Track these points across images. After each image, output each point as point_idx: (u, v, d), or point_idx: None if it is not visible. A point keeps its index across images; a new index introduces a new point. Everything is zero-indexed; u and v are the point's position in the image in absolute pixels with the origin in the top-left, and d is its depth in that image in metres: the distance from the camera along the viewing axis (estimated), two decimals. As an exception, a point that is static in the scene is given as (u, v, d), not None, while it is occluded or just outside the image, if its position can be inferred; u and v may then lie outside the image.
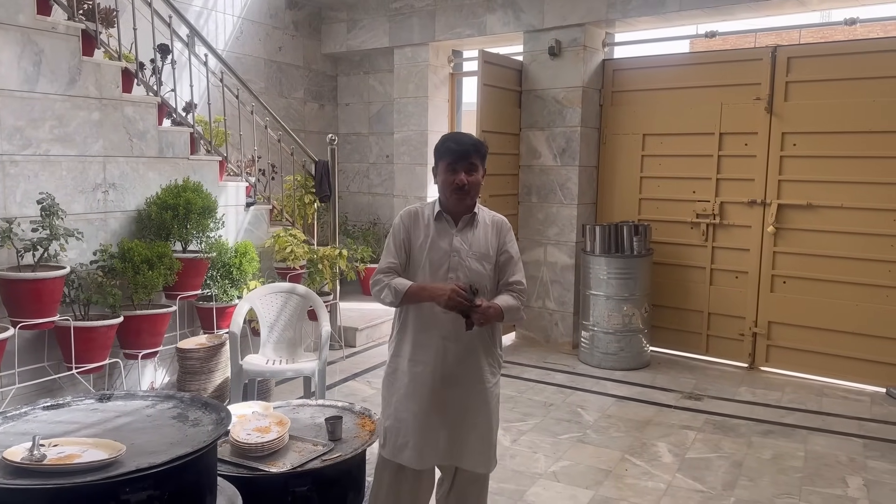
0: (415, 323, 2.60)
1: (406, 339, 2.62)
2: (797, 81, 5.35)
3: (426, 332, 2.57)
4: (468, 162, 2.52)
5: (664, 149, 5.98)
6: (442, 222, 2.60)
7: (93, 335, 3.96)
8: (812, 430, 4.40)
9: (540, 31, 6.15)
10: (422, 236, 2.60)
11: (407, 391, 2.60)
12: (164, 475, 2.09)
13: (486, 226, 2.63)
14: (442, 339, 2.55)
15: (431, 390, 2.56)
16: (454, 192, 2.53)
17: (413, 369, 2.59)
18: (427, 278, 2.55)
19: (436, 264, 2.56)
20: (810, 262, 5.37)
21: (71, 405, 2.64)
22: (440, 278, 2.53)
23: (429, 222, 2.61)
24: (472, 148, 2.53)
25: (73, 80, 4.14)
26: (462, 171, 2.51)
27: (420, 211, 2.65)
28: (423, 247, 2.58)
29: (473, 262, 2.56)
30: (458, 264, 2.55)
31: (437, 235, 2.58)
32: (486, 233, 2.61)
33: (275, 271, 5.49)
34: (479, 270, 2.57)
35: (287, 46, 7.22)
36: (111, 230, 4.39)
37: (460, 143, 2.54)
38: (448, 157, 2.53)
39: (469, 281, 2.50)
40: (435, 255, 2.56)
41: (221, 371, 4.46)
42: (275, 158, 6.00)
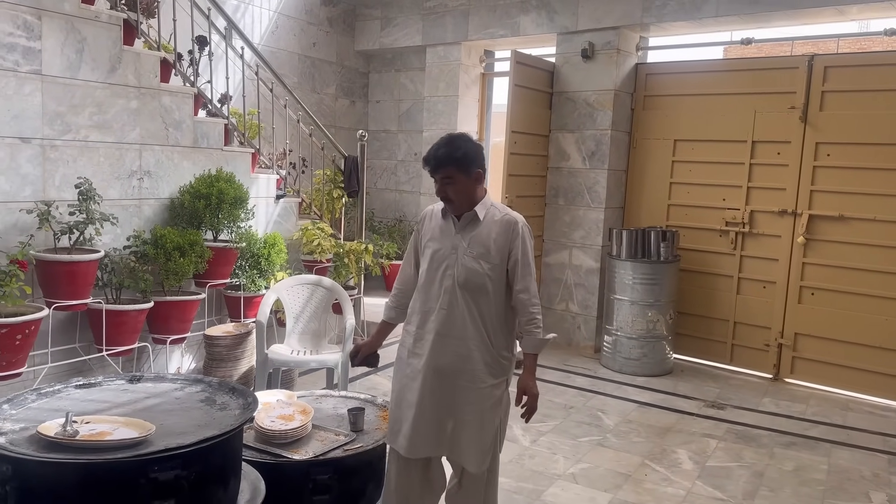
0: (416, 316, 2.67)
1: (410, 331, 2.69)
2: (833, 91, 5.28)
3: (423, 327, 2.63)
4: (442, 172, 2.53)
5: (695, 155, 5.94)
6: (447, 220, 2.64)
7: (123, 319, 4.04)
8: (836, 444, 4.35)
9: (573, 33, 6.14)
10: (430, 232, 2.66)
11: (405, 380, 2.67)
12: (192, 456, 2.14)
13: (492, 224, 2.59)
14: (436, 334, 2.58)
15: (423, 381, 2.60)
16: (441, 199, 2.59)
17: (411, 359, 2.65)
18: (428, 274, 2.61)
19: (435, 260, 2.60)
20: (840, 275, 5.30)
21: (102, 385, 2.71)
22: (437, 274, 2.59)
23: (437, 219, 2.66)
24: (437, 162, 2.52)
25: (114, 69, 4.23)
26: (438, 181, 2.55)
27: (434, 208, 2.72)
28: (429, 243, 2.65)
29: (470, 261, 2.55)
30: (454, 262, 2.57)
31: (441, 232, 2.63)
32: (491, 231, 2.58)
33: (301, 263, 5.55)
34: (476, 269, 2.55)
35: (321, 42, 7.29)
36: (145, 217, 4.47)
37: (433, 156, 2.54)
38: (427, 167, 2.58)
39: (464, 280, 2.54)
40: (436, 251, 2.61)
41: (247, 359, 4.52)
42: (305, 152, 6.06)
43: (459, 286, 2.55)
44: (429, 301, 2.61)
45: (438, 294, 2.58)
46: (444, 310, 2.56)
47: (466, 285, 2.54)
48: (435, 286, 2.60)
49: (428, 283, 2.62)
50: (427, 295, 2.62)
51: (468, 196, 2.57)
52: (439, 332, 2.58)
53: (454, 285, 2.55)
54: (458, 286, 2.55)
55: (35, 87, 3.87)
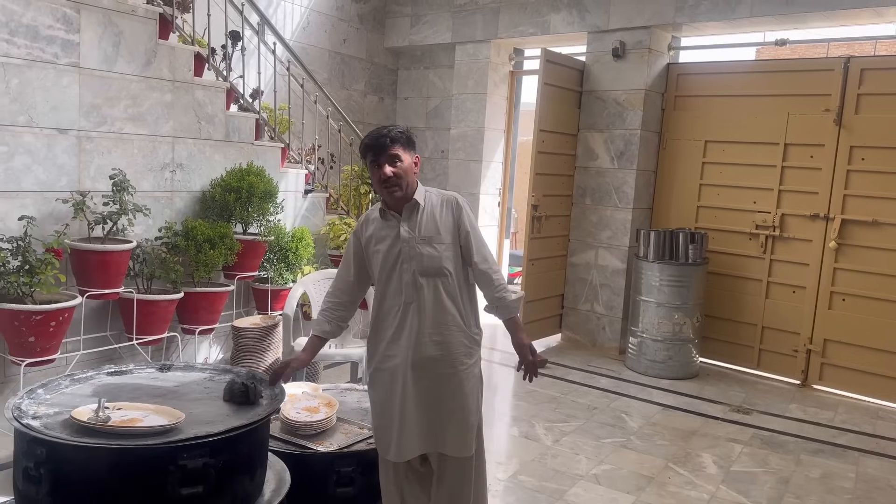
0: (382, 322, 2.61)
1: (379, 339, 2.61)
2: (869, 94, 5.19)
3: (392, 329, 2.57)
4: (386, 154, 2.49)
5: (726, 157, 5.87)
6: (387, 217, 2.59)
7: (154, 308, 4.11)
8: (864, 453, 4.28)
9: (604, 31, 6.10)
10: (373, 238, 2.60)
11: (383, 387, 2.61)
12: (220, 444, 2.17)
13: (434, 207, 2.59)
14: (409, 330, 2.54)
15: (403, 383, 2.55)
16: (383, 187, 2.51)
17: (386, 364, 2.59)
18: (384, 275, 2.56)
19: (388, 260, 2.55)
20: (872, 281, 5.20)
21: (133, 372, 2.76)
22: (395, 273, 2.54)
23: (375, 220, 2.61)
24: (387, 140, 2.50)
25: (149, 62, 4.30)
26: (384, 163, 2.49)
27: (368, 216, 2.67)
28: (373, 245, 2.59)
29: (423, 247, 2.53)
30: (409, 254, 2.53)
31: (386, 232, 2.57)
32: (435, 214, 2.58)
33: (328, 258, 5.60)
34: (433, 254, 2.53)
35: (351, 39, 7.33)
36: (176, 208, 4.54)
37: (376, 139, 2.51)
38: (368, 154, 2.53)
39: (423, 268, 2.51)
40: (386, 251, 2.56)
41: (273, 351, 4.57)
42: (334, 148, 6.10)
43: (420, 275, 2.52)
44: (391, 301, 2.56)
45: (400, 290, 2.54)
46: (410, 304, 2.53)
47: (427, 272, 2.52)
48: (393, 285, 2.55)
49: (385, 285, 2.57)
50: (387, 297, 2.57)
51: (410, 181, 2.55)
52: (411, 326, 2.54)
53: (414, 276, 2.52)
54: (419, 275, 2.52)
55: (73, 79, 3.94)
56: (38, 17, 3.77)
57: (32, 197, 3.83)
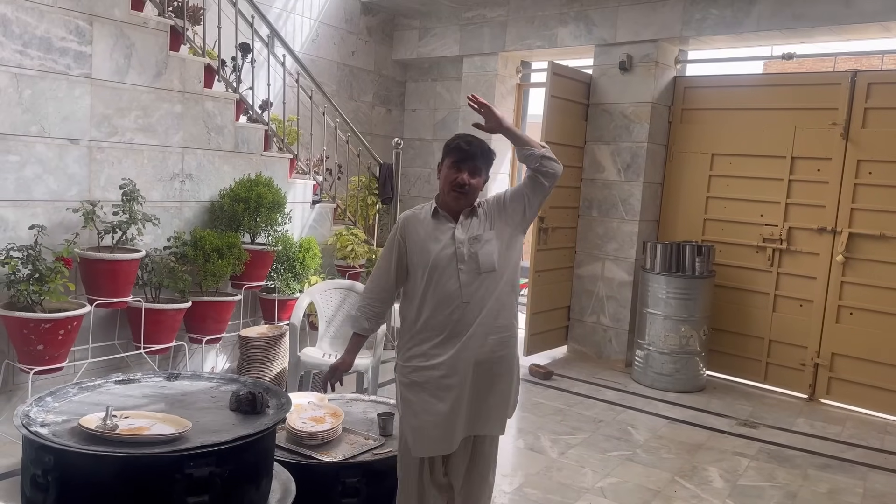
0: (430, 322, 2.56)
1: (422, 338, 2.59)
2: (877, 108, 5.19)
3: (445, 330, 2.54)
4: (473, 164, 2.54)
5: (733, 170, 5.87)
6: (440, 218, 2.60)
7: (162, 318, 4.14)
8: (872, 468, 4.25)
9: (611, 45, 6.13)
10: (421, 236, 2.59)
11: (435, 387, 2.56)
12: (227, 453, 2.18)
13: (485, 210, 2.64)
14: (468, 328, 2.53)
15: (461, 381, 2.55)
16: (454, 188, 2.54)
17: (435, 363, 2.55)
18: (434, 275, 2.53)
19: (441, 260, 2.54)
20: (880, 295, 5.18)
21: (141, 381, 2.78)
22: (449, 273, 2.52)
23: (425, 221, 2.61)
24: (480, 152, 2.55)
25: (160, 74, 4.35)
26: (466, 171, 2.53)
27: (415, 214, 2.66)
28: (422, 245, 2.57)
29: (481, 248, 2.54)
30: (464, 255, 2.53)
31: (439, 232, 2.57)
32: (487, 215, 2.62)
33: (335, 268, 5.62)
34: (491, 251, 2.55)
35: (360, 51, 7.38)
36: (185, 218, 4.57)
37: (470, 144, 2.55)
38: (455, 154, 2.55)
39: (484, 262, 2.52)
40: (437, 250, 2.55)
41: (280, 361, 4.59)
42: (342, 159, 6.14)
43: (477, 275, 2.53)
44: (444, 302, 2.53)
45: (455, 291, 2.52)
46: (467, 303, 2.52)
47: (483, 272, 2.54)
48: (446, 285, 2.52)
49: (435, 285, 2.54)
50: (438, 297, 2.54)
51: (476, 196, 2.61)
52: (469, 326, 2.54)
53: (470, 277, 2.52)
54: (476, 275, 2.52)
55: (84, 90, 3.99)
56: (52, 29, 3.82)
57: (43, 206, 3.87)
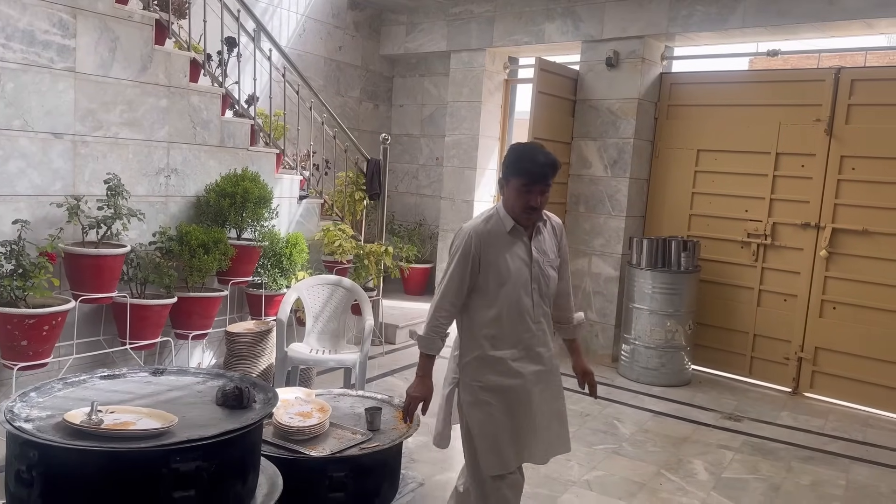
0: (507, 340, 2.56)
1: (494, 356, 2.54)
2: (860, 104, 5.24)
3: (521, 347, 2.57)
4: (545, 184, 2.47)
5: (718, 165, 5.91)
6: (517, 234, 2.55)
7: (147, 313, 4.12)
8: (855, 460, 4.30)
9: (598, 41, 6.15)
10: (501, 251, 2.52)
11: (513, 403, 2.56)
12: (213, 448, 2.18)
13: (549, 229, 2.66)
14: (539, 348, 2.60)
15: (535, 396, 2.60)
16: (525, 211, 2.49)
17: (510, 381, 2.55)
18: (514, 293, 2.51)
19: (520, 278, 2.52)
20: (862, 289, 5.24)
21: (126, 376, 2.77)
22: (525, 292, 2.53)
23: (500, 237, 2.54)
24: (550, 169, 2.47)
25: (145, 68, 4.32)
26: (539, 193, 2.47)
27: (490, 227, 2.54)
28: (505, 262, 2.52)
29: (550, 270, 2.60)
30: (538, 275, 2.56)
31: (516, 248, 2.54)
32: (549, 236, 2.65)
33: (322, 264, 5.61)
34: (553, 275, 2.62)
35: (347, 46, 7.36)
36: (171, 213, 4.55)
37: (537, 165, 2.45)
38: (524, 177, 2.45)
39: (548, 289, 2.60)
40: (515, 268, 2.52)
41: (267, 357, 4.58)
42: (329, 154, 6.12)
43: (543, 296, 2.58)
44: (520, 320, 2.54)
45: (528, 310, 2.54)
46: (538, 324, 2.58)
47: (548, 293, 2.61)
48: (521, 304, 2.52)
49: (511, 304, 2.51)
50: (513, 315, 2.52)
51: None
52: (541, 344, 2.61)
53: (541, 297, 2.58)
54: (543, 297, 2.58)
55: (68, 84, 3.96)
56: (35, 22, 3.78)
57: (27, 201, 3.83)
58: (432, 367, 2.60)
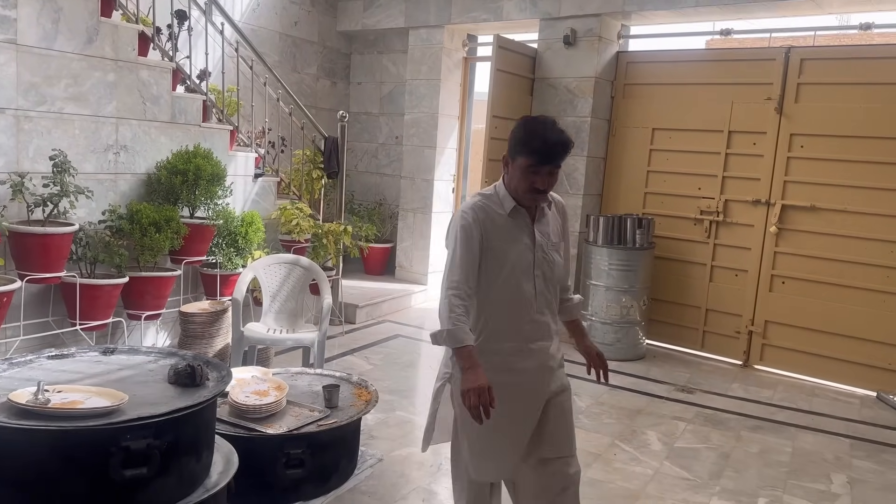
0: (507, 331, 2.34)
1: (499, 349, 2.33)
2: (809, 83, 5.36)
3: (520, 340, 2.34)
4: (555, 165, 2.24)
5: (672, 144, 6.00)
6: (518, 216, 2.33)
7: (98, 293, 4.03)
8: (801, 428, 4.45)
9: (556, 19, 6.16)
10: (501, 234, 2.31)
11: (515, 400, 2.31)
12: (165, 425, 2.15)
13: (553, 209, 2.45)
14: (539, 341, 2.36)
15: (538, 394, 2.38)
16: (530, 193, 2.27)
17: (512, 378, 2.31)
18: (513, 280, 2.30)
19: (521, 264, 2.31)
20: (810, 264, 5.40)
21: (75, 356, 2.71)
22: (526, 279, 2.31)
23: (501, 218, 2.32)
24: (561, 149, 2.22)
25: (91, 40, 4.18)
26: (546, 174, 2.24)
27: (488, 206, 2.33)
28: (504, 246, 2.31)
29: (554, 254, 2.38)
30: (542, 260, 2.34)
31: (518, 231, 2.33)
32: (553, 217, 2.43)
33: (279, 243, 5.55)
34: (558, 261, 2.40)
35: (303, 21, 7.24)
36: (120, 191, 4.44)
37: (547, 144, 2.20)
38: (532, 157, 2.22)
39: (551, 275, 2.36)
40: (519, 254, 2.31)
41: (222, 337, 4.52)
42: (285, 132, 6.03)
43: (548, 283, 2.36)
44: (521, 310, 2.33)
45: (531, 299, 2.32)
46: (542, 315, 2.36)
47: (552, 280, 2.38)
48: (522, 293, 2.31)
49: (512, 292, 2.31)
50: (513, 304, 2.32)
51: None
52: (544, 336, 2.38)
53: (545, 284, 2.36)
54: (547, 284, 2.36)
55: (10, 56, 3.81)
56: (-28, -9, 3.63)
57: (-33, 178, 3.70)
58: (476, 357, 2.18)
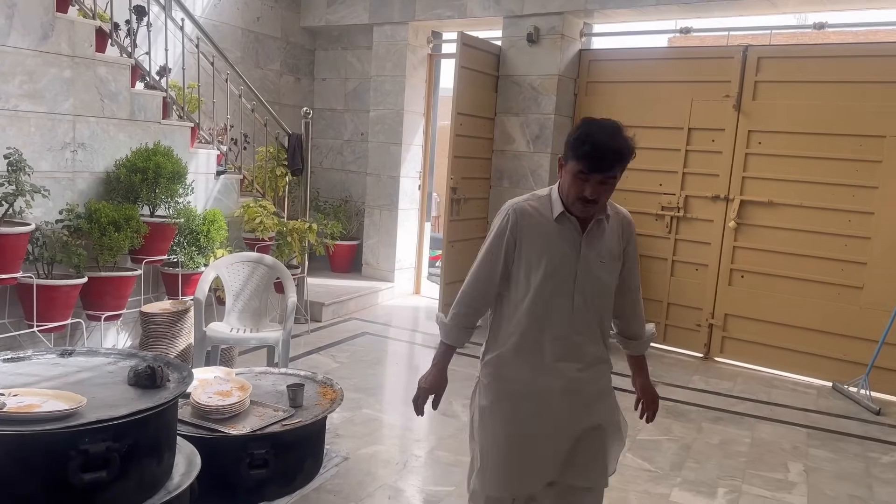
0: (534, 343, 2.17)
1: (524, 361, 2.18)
2: (766, 81, 5.48)
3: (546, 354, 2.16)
4: (606, 174, 2.01)
5: (634, 141, 6.06)
6: (566, 224, 2.12)
7: (55, 294, 3.94)
8: (759, 419, 4.56)
9: (519, 17, 6.20)
10: (542, 240, 2.12)
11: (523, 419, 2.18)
12: (124, 428, 2.13)
13: (613, 224, 2.19)
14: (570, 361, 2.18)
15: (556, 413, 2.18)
16: (579, 201, 2.06)
17: (530, 392, 2.17)
18: (546, 290, 2.12)
19: (560, 275, 2.12)
20: (768, 258, 5.53)
21: (32, 359, 2.66)
22: (565, 292, 2.12)
23: (545, 222, 2.13)
24: (615, 158, 2.00)
25: (46, 36, 4.09)
26: (597, 182, 2.01)
27: (535, 211, 2.15)
28: (542, 253, 2.12)
29: (601, 272, 2.15)
30: (584, 275, 2.12)
31: (561, 239, 2.12)
32: (613, 233, 2.18)
33: (243, 241, 5.49)
34: (606, 280, 2.17)
35: (265, 17, 7.16)
36: (78, 190, 4.35)
37: (599, 150, 1.99)
38: (581, 162, 2.00)
39: (595, 295, 2.16)
40: (557, 262, 2.12)
41: (185, 337, 4.46)
42: (248, 129, 5.97)
43: (588, 302, 2.14)
44: (552, 324, 2.14)
45: (566, 316, 2.13)
46: (578, 334, 2.15)
47: (596, 299, 2.16)
48: (561, 306, 2.13)
49: (547, 302, 2.13)
50: (548, 317, 2.13)
51: (608, 200, 2.15)
52: (573, 357, 2.17)
53: (586, 303, 2.14)
54: (588, 303, 2.14)
55: (-40, 52, 3.71)
56: (-81, -15, 3.52)
57: (-83, 177, 3.59)
58: (450, 358, 2.25)
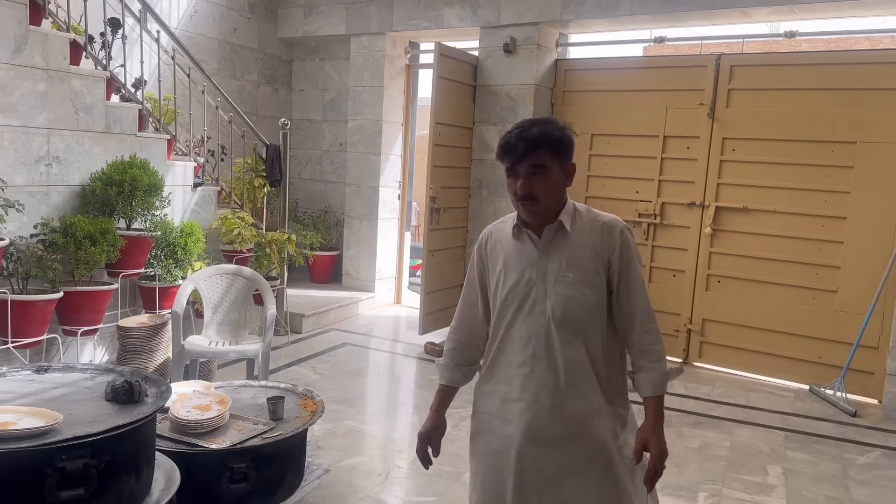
0: (499, 372, 2.00)
1: (492, 391, 2.02)
2: (739, 89, 5.57)
3: (519, 386, 1.94)
4: (528, 164, 1.85)
5: (611, 149, 6.14)
6: (523, 238, 1.95)
7: (30, 309, 3.89)
8: (738, 423, 4.61)
9: (496, 27, 6.25)
10: (498, 260, 1.98)
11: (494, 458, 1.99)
12: (102, 444, 2.11)
13: (585, 234, 1.92)
14: (533, 392, 1.91)
15: (518, 457, 1.92)
16: (519, 201, 1.89)
17: (500, 429, 1.98)
18: (507, 311, 1.95)
19: (517, 292, 1.93)
20: (744, 264, 5.60)
21: (7, 375, 2.63)
22: (521, 314, 1.92)
23: (505, 241, 1.99)
24: (530, 143, 1.84)
25: (19, 49, 4.05)
26: (522, 174, 1.87)
27: (496, 228, 2.05)
28: (501, 274, 1.97)
29: (567, 288, 1.88)
30: (543, 293, 1.89)
31: (518, 257, 1.94)
32: (586, 244, 1.91)
33: (221, 253, 5.46)
34: (576, 297, 1.88)
35: (242, 28, 7.15)
36: (53, 204, 4.30)
37: (517, 138, 1.86)
38: (501, 157, 1.91)
39: (566, 315, 1.88)
40: (515, 283, 1.93)
41: (163, 351, 4.42)
42: (225, 140, 5.95)
43: (556, 324, 1.88)
44: (517, 350, 1.93)
45: (527, 338, 1.91)
46: (541, 359, 1.89)
47: (566, 322, 1.88)
48: (519, 328, 1.93)
49: (508, 325, 1.95)
50: (510, 342, 1.95)
51: (558, 196, 1.91)
52: (536, 390, 1.90)
53: (548, 324, 1.89)
54: (556, 324, 1.88)
55: (-69, 66, 3.67)
56: None
57: None
58: (447, 399, 2.11)
